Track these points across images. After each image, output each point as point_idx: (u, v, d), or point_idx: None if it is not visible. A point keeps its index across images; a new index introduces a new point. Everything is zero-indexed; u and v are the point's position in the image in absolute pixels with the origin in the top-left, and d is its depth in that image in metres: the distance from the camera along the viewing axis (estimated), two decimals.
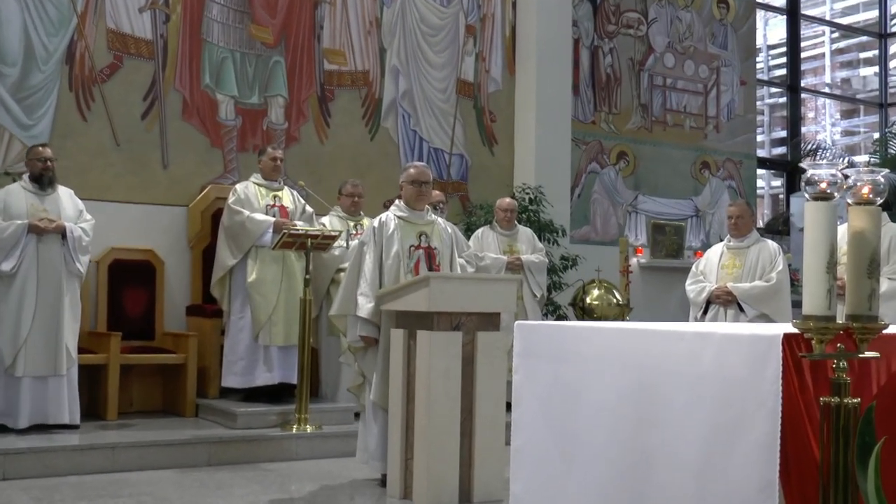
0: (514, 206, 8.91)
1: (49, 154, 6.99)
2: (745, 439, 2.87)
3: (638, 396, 3.27)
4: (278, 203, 7.88)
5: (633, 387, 3.29)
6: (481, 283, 5.84)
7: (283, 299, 7.65)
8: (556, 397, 3.64)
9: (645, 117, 11.65)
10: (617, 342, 3.42)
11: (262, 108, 8.97)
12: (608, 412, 3.38)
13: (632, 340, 3.36)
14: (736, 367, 2.94)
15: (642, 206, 11.56)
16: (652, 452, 3.18)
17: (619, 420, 3.33)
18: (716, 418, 2.98)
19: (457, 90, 10.21)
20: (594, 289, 9.70)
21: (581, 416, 3.51)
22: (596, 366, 3.46)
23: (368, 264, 5.93)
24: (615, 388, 3.36)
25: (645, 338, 3.32)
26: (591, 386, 3.47)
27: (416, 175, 6.11)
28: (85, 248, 6.92)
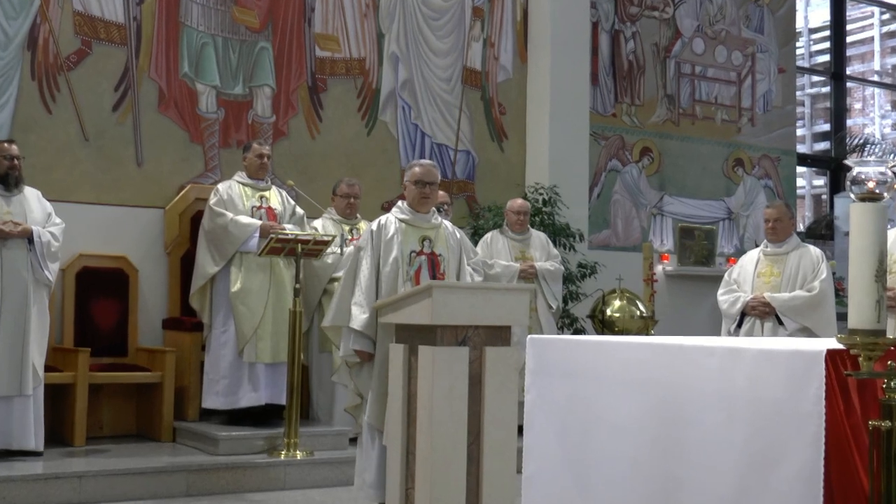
0: (526, 207, 8.89)
1: (16, 151, 6.98)
2: (784, 469, 2.85)
3: (662, 420, 3.25)
4: (265, 204, 7.88)
5: (657, 409, 3.27)
6: (490, 293, 5.81)
7: (271, 311, 7.64)
8: (573, 420, 3.62)
9: (671, 109, 11.63)
10: (640, 359, 3.40)
11: (247, 99, 8.97)
12: (629, 437, 3.36)
13: (656, 357, 3.34)
14: (773, 388, 2.92)
15: (668, 208, 11.54)
16: (677, 483, 3.16)
17: (641, 446, 3.31)
18: (750, 445, 2.96)
19: (462, 79, 10.21)
20: (615, 299, 9.68)
21: (599, 440, 3.49)
22: (616, 385, 3.44)
23: (364, 271, 5.92)
24: (637, 410, 3.34)
25: (671, 354, 3.30)
26: (611, 407, 3.45)
27: (422, 175, 6.10)
28: (54, 254, 6.91)
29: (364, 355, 5.92)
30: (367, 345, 5.90)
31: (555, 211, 9.94)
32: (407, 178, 6.15)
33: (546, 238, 9.00)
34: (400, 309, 5.67)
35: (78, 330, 7.91)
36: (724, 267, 10.70)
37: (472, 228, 9.59)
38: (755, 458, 2.94)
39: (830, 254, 11.95)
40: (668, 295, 11.04)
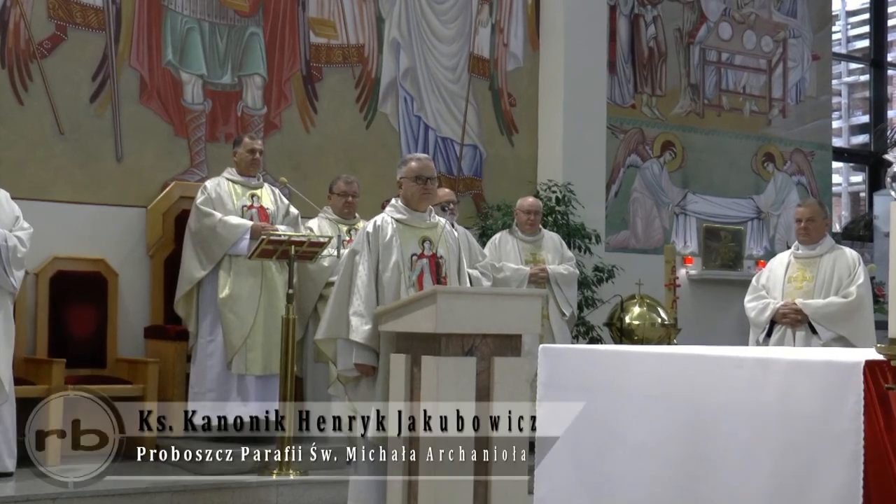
0: (538, 206, 8.88)
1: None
2: (819, 490, 2.84)
3: (687, 436, 3.24)
4: (256, 203, 7.88)
5: (680, 425, 3.27)
6: (499, 298, 5.81)
7: (262, 319, 7.64)
8: (589, 436, 3.62)
9: (696, 100, 11.61)
10: (662, 370, 3.39)
11: (236, 89, 8.97)
12: (651, 455, 3.35)
13: (679, 368, 3.34)
14: (807, 401, 2.91)
15: (692, 207, 11.53)
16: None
17: (663, 464, 3.30)
18: (782, 464, 2.95)
19: (469, 68, 10.20)
20: (634, 306, 9.67)
21: (618, 459, 3.48)
22: (636, 399, 3.44)
23: (363, 277, 5.90)
24: (659, 427, 3.33)
25: (695, 365, 3.30)
26: (631, 423, 3.44)
27: (419, 169, 6.08)
28: (20, 260, 6.86)
29: (367, 369, 5.89)
30: (371, 358, 5.87)
31: (569, 210, 9.93)
32: (402, 175, 6.13)
33: (559, 239, 8.99)
34: (401, 316, 5.66)
35: (52, 339, 7.90)
36: (753, 271, 10.67)
37: (480, 229, 9.58)
38: (787, 478, 2.94)
39: (869, 256, 11.93)
40: (691, 301, 11.02)
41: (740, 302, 7.67)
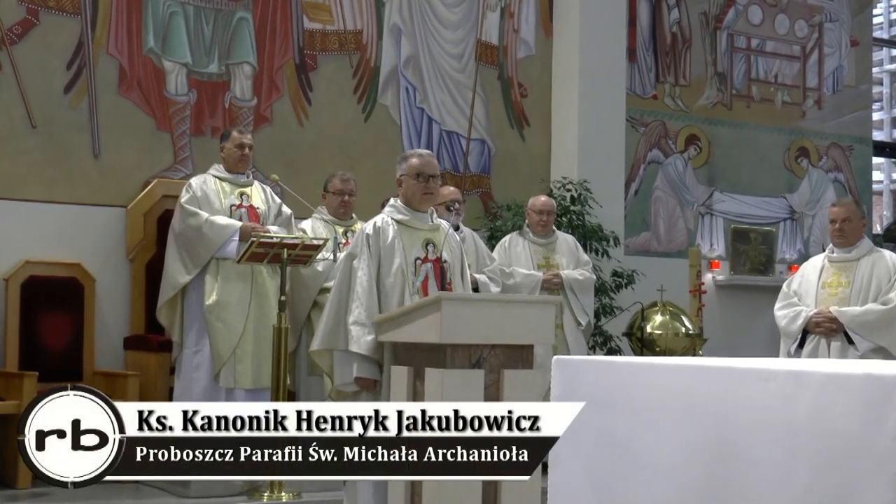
0: (551, 206, 8.88)
1: None
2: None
3: (712, 457, 3.24)
4: (246, 203, 7.88)
5: (705, 444, 3.27)
6: (509, 306, 5.81)
7: (252, 328, 7.64)
8: (605, 456, 3.62)
9: (723, 90, 11.62)
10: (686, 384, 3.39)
11: (224, 79, 8.98)
12: (673, 476, 3.36)
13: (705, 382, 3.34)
14: (844, 419, 2.91)
15: (719, 207, 11.53)
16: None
17: (687, 488, 3.31)
18: (816, 486, 2.95)
19: (476, 56, 10.21)
20: (656, 314, 9.66)
21: (637, 480, 3.48)
22: (658, 415, 3.44)
23: (363, 283, 5.89)
24: (683, 446, 3.34)
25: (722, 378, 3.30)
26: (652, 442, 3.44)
27: (421, 166, 6.08)
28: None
29: (369, 383, 5.88)
30: (373, 371, 5.85)
31: (585, 210, 9.93)
32: (402, 172, 6.12)
33: (575, 242, 8.99)
34: (403, 325, 5.66)
35: (23, 350, 7.91)
36: (786, 276, 10.67)
37: (488, 230, 9.58)
38: (822, 500, 2.94)
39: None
40: (718, 309, 11.02)
41: (771, 310, 7.66)
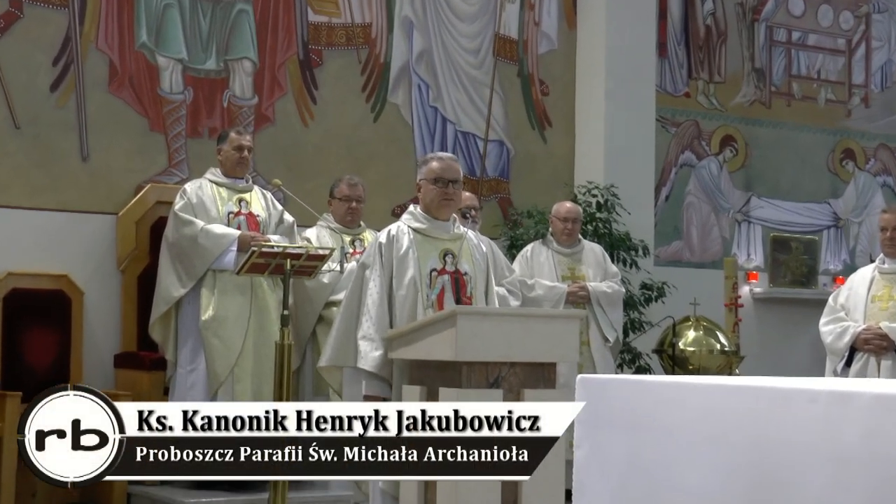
0: (577, 213, 8.88)
1: None
2: None
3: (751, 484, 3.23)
4: (245, 209, 7.89)
5: (744, 470, 3.26)
6: (530, 321, 5.81)
7: (252, 344, 7.65)
8: (636, 484, 3.61)
9: (761, 87, 11.60)
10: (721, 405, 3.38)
11: (222, 76, 8.99)
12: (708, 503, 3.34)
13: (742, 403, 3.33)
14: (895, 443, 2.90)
15: (757, 213, 11.51)
16: None
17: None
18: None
19: (494, 51, 10.21)
20: (689, 330, 9.65)
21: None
22: (691, 438, 3.43)
23: (373, 296, 5.91)
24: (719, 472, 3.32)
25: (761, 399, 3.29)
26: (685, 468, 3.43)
27: (442, 170, 6.09)
28: None
29: (379, 401, 5.88)
30: (382, 389, 5.87)
31: (612, 217, 9.92)
32: (422, 176, 6.14)
33: (602, 252, 8.98)
34: (415, 341, 5.66)
35: (6, 368, 7.92)
36: (829, 289, 10.65)
37: (508, 239, 9.58)
38: None
39: None
40: (756, 324, 11.00)
41: (814, 325, 7.64)
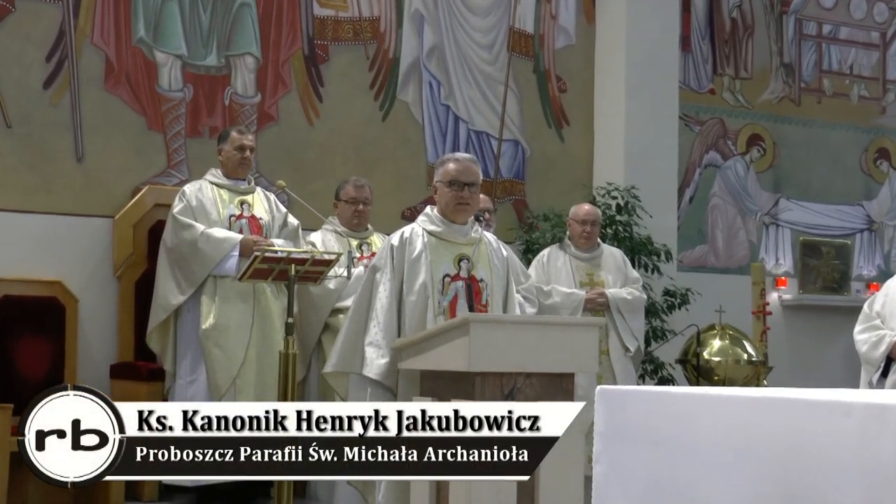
0: (596, 216, 8.86)
1: None
2: None
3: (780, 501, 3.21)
4: (247, 212, 7.89)
5: (772, 486, 3.24)
6: (547, 329, 5.80)
7: (255, 354, 7.65)
8: (657, 501, 3.59)
9: (790, 83, 11.58)
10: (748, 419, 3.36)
11: (223, 72, 9.00)
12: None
13: (771, 416, 3.31)
14: None
15: (786, 216, 11.49)
16: None
17: None
18: None
19: (509, 46, 10.20)
20: (714, 338, 9.63)
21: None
22: (716, 453, 3.41)
23: (382, 301, 5.93)
24: (745, 489, 3.31)
25: (791, 412, 3.27)
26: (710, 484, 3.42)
27: (458, 172, 6.10)
28: None
29: None
30: (387, 398, 5.88)
31: (633, 220, 9.91)
32: (438, 178, 6.15)
33: (622, 256, 8.97)
34: (426, 350, 5.66)
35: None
36: (863, 295, 10.61)
37: (524, 243, 9.57)
38: None
39: None
40: (785, 332, 10.98)
41: (846, 334, 7.63)
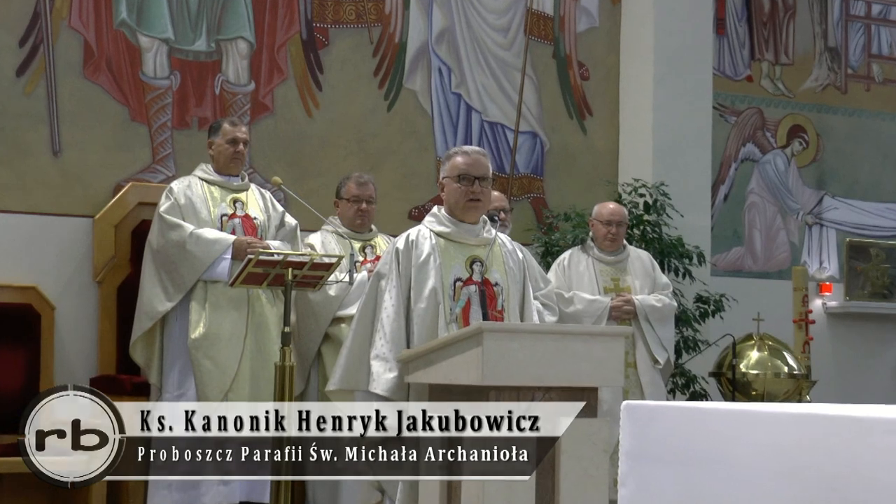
0: (621, 215, 8.87)
1: None
2: None
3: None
4: (240, 211, 7.90)
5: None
6: (567, 339, 5.80)
7: (248, 367, 7.66)
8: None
9: (835, 69, 11.58)
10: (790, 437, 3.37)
11: (214, 59, 9.01)
12: None
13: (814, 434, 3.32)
14: None
15: (831, 215, 11.48)
16: None
17: None
18: None
19: (526, 29, 10.21)
20: (752, 350, 9.63)
21: None
22: (755, 475, 3.42)
23: (388, 310, 5.93)
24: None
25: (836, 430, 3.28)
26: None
27: (468, 166, 6.10)
28: None
29: None
30: None
31: (662, 220, 9.91)
32: (445, 174, 6.16)
33: (650, 259, 8.97)
34: (435, 363, 5.67)
35: None
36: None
37: (542, 245, 9.58)
38: None
39: None
40: (830, 343, 10.97)
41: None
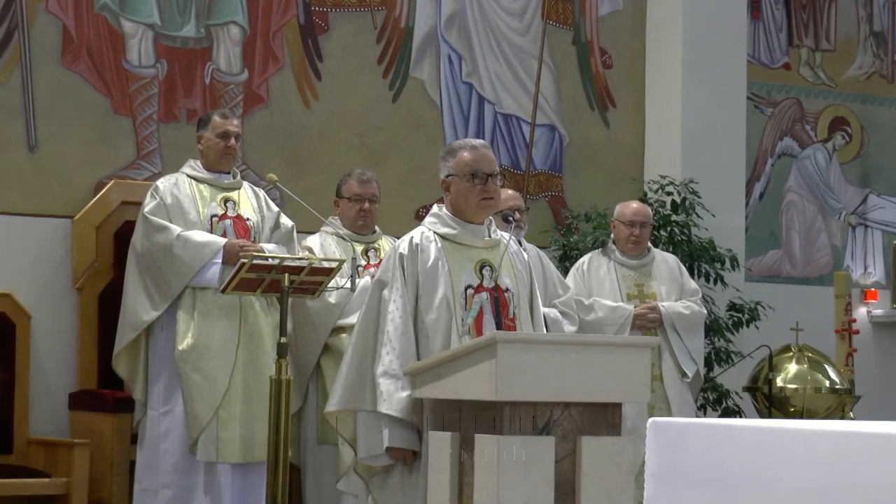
0: (646, 215, 8.88)
1: None
2: None
3: None
4: (231, 212, 7.91)
5: None
6: (589, 351, 5.81)
7: (241, 380, 7.67)
8: None
9: (881, 56, 11.58)
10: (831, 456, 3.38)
11: (204, 45, 9.02)
12: None
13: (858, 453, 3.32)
14: None
15: (877, 216, 11.48)
16: None
17: None
18: None
19: (543, 13, 10.22)
20: (790, 362, 9.63)
21: None
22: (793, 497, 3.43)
23: (395, 321, 5.91)
24: None
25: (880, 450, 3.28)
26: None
27: (475, 162, 6.10)
28: None
29: (405, 454, 5.90)
30: (410, 440, 5.86)
31: (692, 220, 9.92)
32: (449, 171, 6.14)
33: (678, 264, 8.98)
34: (445, 376, 5.67)
35: None
36: None
37: (561, 248, 9.58)
38: None
39: None
40: (875, 355, 10.97)
41: None
